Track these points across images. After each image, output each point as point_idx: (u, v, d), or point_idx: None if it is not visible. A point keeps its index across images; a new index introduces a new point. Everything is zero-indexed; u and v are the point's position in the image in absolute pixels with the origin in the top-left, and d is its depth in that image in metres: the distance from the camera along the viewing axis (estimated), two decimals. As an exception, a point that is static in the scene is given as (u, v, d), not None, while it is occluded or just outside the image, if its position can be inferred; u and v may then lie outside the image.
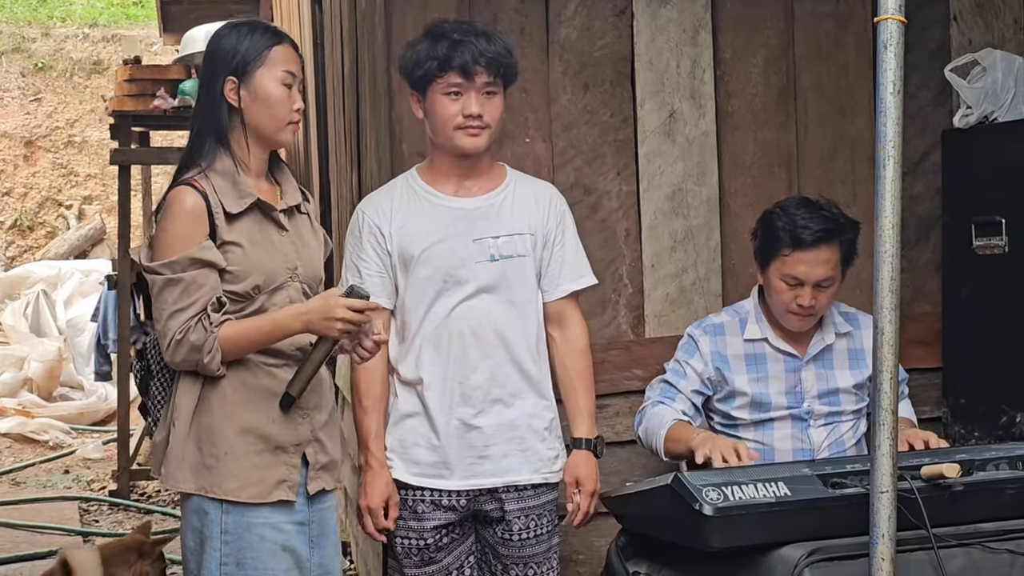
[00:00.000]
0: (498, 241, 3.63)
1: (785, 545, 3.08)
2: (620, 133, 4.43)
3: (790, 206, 3.82)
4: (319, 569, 3.43)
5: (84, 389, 11.45)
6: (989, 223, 4.28)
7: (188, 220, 3.26)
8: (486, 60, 3.53)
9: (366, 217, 3.69)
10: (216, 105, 3.35)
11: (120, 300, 8.47)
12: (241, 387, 3.31)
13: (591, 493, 3.66)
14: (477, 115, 3.55)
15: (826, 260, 3.74)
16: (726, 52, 4.51)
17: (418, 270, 3.61)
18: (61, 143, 15.85)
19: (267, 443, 3.31)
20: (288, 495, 3.32)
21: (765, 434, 3.84)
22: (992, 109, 4.30)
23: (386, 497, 3.61)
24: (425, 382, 3.62)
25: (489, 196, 3.68)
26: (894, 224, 2.88)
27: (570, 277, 3.74)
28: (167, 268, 3.24)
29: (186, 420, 3.29)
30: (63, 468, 9.49)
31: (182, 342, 3.23)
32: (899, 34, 2.90)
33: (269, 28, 3.43)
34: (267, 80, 3.34)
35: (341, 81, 5.78)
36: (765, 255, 3.82)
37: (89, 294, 12.13)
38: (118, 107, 8.44)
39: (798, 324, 3.83)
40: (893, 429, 2.89)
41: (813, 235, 3.73)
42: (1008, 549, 3.17)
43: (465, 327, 3.60)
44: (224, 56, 3.35)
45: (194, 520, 3.33)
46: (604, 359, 4.29)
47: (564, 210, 3.77)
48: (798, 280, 3.75)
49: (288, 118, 3.37)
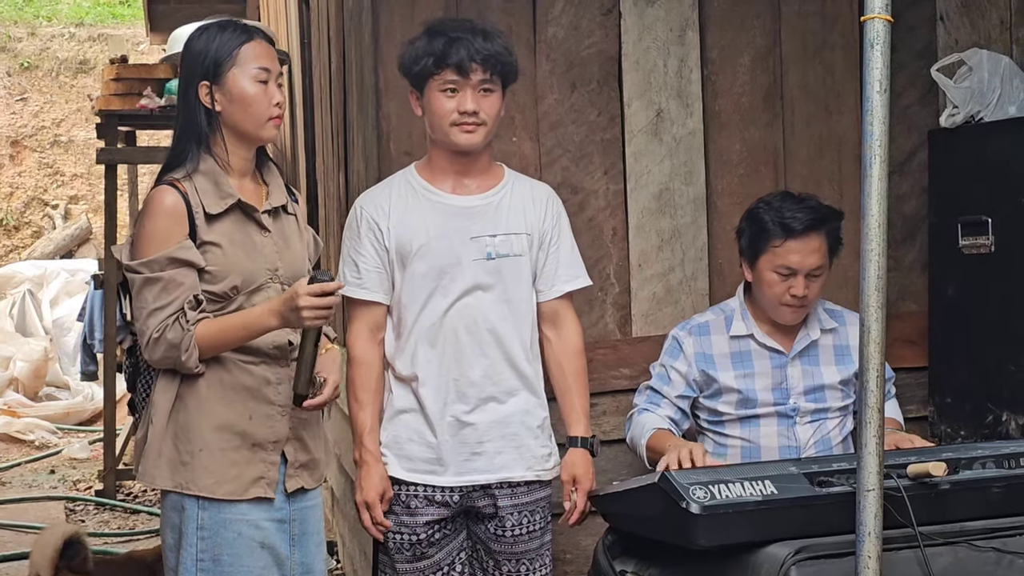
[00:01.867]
0: (495, 240, 3.64)
1: (772, 543, 3.08)
2: (607, 132, 4.43)
3: (774, 200, 3.85)
4: (300, 568, 3.43)
5: (70, 389, 11.44)
6: (975, 222, 4.29)
7: (167, 219, 3.27)
8: (482, 57, 3.54)
9: (364, 212, 3.70)
10: (193, 110, 3.35)
11: (106, 300, 8.45)
12: (217, 384, 3.31)
13: (587, 491, 3.67)
14: (472, 112, 3.56)
15: (817, 248, 3.77)
16: (713, 51, 4.51)
17: (414, 266, 3.62)
18: (47, 142, 15.82)
19: (244, 440, 3.32)
20: (266, 492, 3.33)
21: (751, 431, 3.85)
22: (978, 109, 4.31)
23: (381, 491, 3.62)
24: (420, 379, 3.63)
25: (487, 195, 3.69)
26: (880, 223, 2.89)
27: (565, 278, 3.75)
28: (146, 267, 3.24)
29: (163, 418, 3.30)
30: (49, 468, 9.48)
31: (159, 340, 3.23)
32: (886, 33, 2.90)
33: (239, 26, 3.40)
34: (241, 79, 3.32)
35: (328, 80, 5.77)
36: (755, 249, 3.83)
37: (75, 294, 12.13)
38: (104, 106, 8.43)
39: (791, 316, 3.84)
40: (879, 427, 2.89)
41: (803, 223, 3.76)
42: (994, 547, 3.17)
43: (460, 324, 3.61)
44: (195, 60, 3.35)
45: (172, 516, 3.34)
46: (591, 358, 4.27)
47: (560, 211, 3.79)
48: (791, 270, 3.76)
49: (268, 114, 3.35)
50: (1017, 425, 4.16)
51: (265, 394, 3.36)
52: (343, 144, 5.20)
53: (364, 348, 3.67)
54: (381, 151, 4.26)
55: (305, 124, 6.83)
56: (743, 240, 3.89)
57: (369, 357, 3.65)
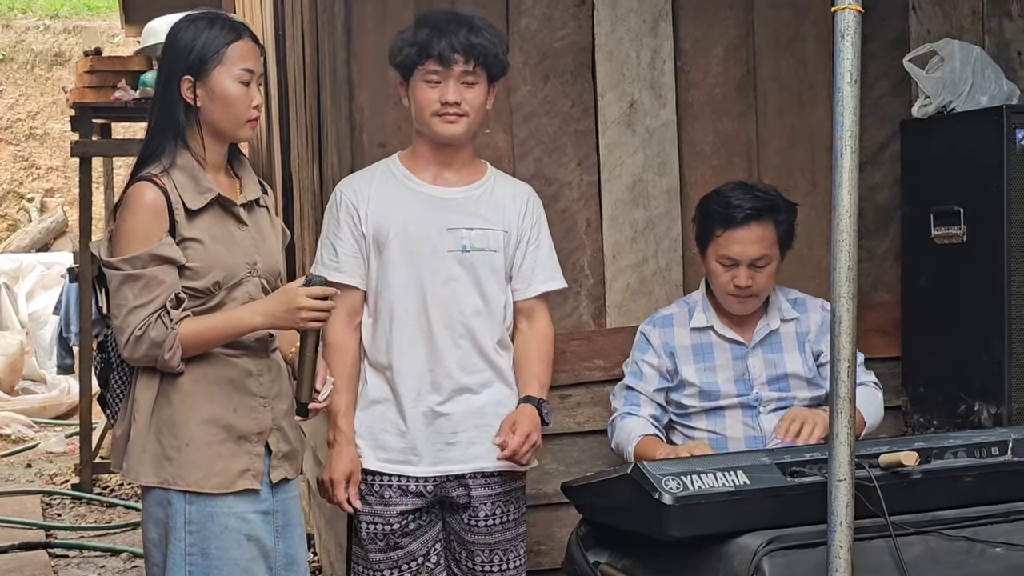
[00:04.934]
0: (471, 233, 3.66)
1: (744, 534, 3.09)
2: (581, 124, 4.43)
3: (725, 189, 3.86)
4: (284, 559, 3.42)
5: (46, 382, 11.39)
6: (947, 212, 4.31)
7: (148, 216, 3.25)
8: (464, 48, 3.56)
9: (343, 196, 3.72)
10: (173, 103, 3.32)
11: (82, 293, 8.41)
12: (201, 378, 3.30)
13: (525, 434, 3.57)
14: (455, 102, 3.58)
15: (759, 239, 3.76)
16: (686, 42, 4.51)
17: (390, 253, 3.63)
18: (22, 135, 15.74)
19: (229, 433, 3.31)
20: (252, 484, 3.32)
21: (717, 423, 3.86)
22: (950, 99, 4.33)
23: (349, 472, 3.63)
24: (394, 368, 3.64)
25: (467, 188, 3.71)
26: (851, 213, 2.89)
27: (542, 278, 3.77)
28: (127, 264, 3.23)
29: (146, 414, 3.28)
30: (25, 462, 9.45)
31: (142, 338, 3.21)
32: (856, 23, 2.90)
33: (228, 22, 3.37)
34: (224, 79, 3.30)
35: (302, 72, 5.76)
36: (702, 239, 3.86)
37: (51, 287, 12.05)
38: (79, 99, 8.38)
39: (738, 307, 3.84)
40: (851, 417, 2.90)
41: (744, 212, 3.75)
42: (965, 536, 3.19)
43: (434, 314, 3.63)
44: (180, 53, 3.31)
45: (157, 512, 3.32)
46: (566, 349, 4.29)
47: (540, 212, 3.81)
48: (733, 260, 3.76)
49: (246, 116, 3.34)
50: (989, 414, 4.19)
51: (248, 386, 3.35)
52: (317, 137, 5.20)
53: (340, 332, 3.67)
54: (354, 143, 4.26)
55: (280, 117, 6.82)
56: (695, 230, 3.90)
57: (344, 341, 3.67)
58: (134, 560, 6.63)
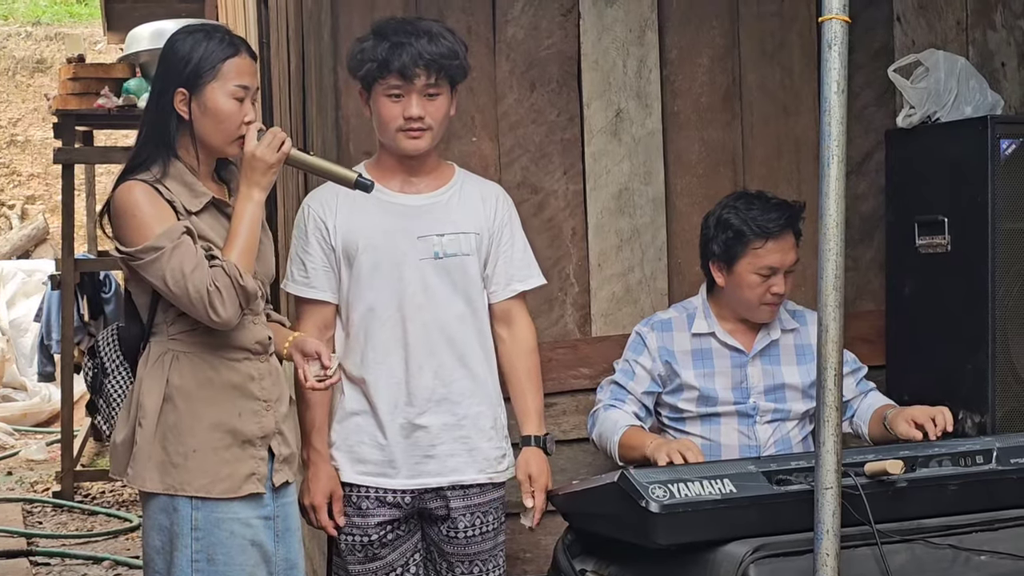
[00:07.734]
0: (443, 239, 3.63)
1: (731, 542, 3.10)
2: (567, 132, 4.44)
3: (740, 205, 3.87)
4: (284, 563, 3.42)
5: (27, 390, 11.35)
6: (932, 222, 4.32)
7: (153, 204, 3.23)
8: (425, 62, 3.52)
9: (311, 211, 3.69)
10: (165, 115, 3.31)
11: (63, 300, 8.39)
12: (206, 384, 3.29)
13: (544, 489, 3.66)
14: (418, 117, 3.55)
15: (793, 245, 3.86)
16: (672, 52, 4.52)
17: (360, 265, 3.61)
18: (4, 142, 15.68)
19: (235, 437, 3.30)
20: (258, 488, 3.32)
21: (711, 429, 3.87)
22: (935, 109, 4.34)
23: (328, 493, 3.62)
24: (369, 381, 3.62)
25: (435, 194, 3.68)
26: (838, 223, 2.91)
27: (519, 277, 3.75)
28: (165, 238, 3.18)
29: (152, 419, 3.26)
30: (6, 470, 9.40)
31: (219, 288, 3.17)
32: (843, 34, 2.92)
33: (226, 37, 3.35)
34: (218, 95, 3.29)
35: (287, 80, 5.75)
36: (732, 254, 3.84)
37: (32, 294, 12.02)
38: (61, 106, 8.36)
39: (770, 315, 3.90)
40: (837, 426, 2.91)
41: (779, 224, 3.81)
42: (951, 544, 3.20)
43: (411, 325, 3.60)
44: (176, 65, 3.30)
45: (161, 518, 3.31)
46: (551, 358, 4.29)
47: (511, 210, 3.78)
48: (773, 269, 3.81)
49: (237, 132, 3.32)
50: (973, 423, 4.20)
51: (251, 390, 3.34)
52: (302, 145, 5.19)
53: None
54: (340, 151, 4.25)
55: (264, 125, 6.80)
56: (714, 246, 3.89)
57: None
58: (116, 568, 6.62)
